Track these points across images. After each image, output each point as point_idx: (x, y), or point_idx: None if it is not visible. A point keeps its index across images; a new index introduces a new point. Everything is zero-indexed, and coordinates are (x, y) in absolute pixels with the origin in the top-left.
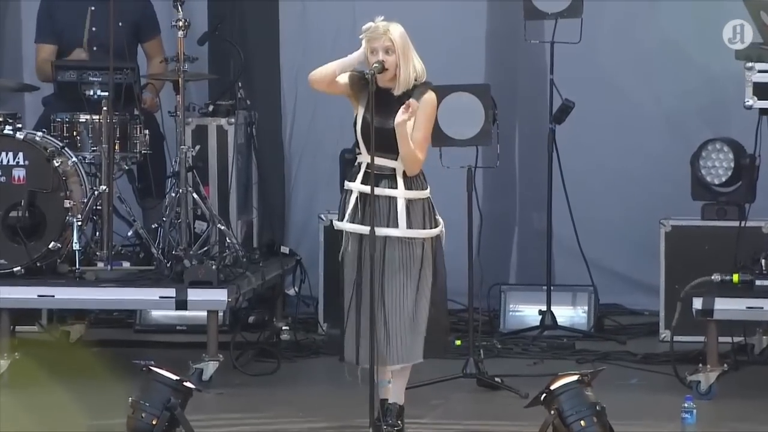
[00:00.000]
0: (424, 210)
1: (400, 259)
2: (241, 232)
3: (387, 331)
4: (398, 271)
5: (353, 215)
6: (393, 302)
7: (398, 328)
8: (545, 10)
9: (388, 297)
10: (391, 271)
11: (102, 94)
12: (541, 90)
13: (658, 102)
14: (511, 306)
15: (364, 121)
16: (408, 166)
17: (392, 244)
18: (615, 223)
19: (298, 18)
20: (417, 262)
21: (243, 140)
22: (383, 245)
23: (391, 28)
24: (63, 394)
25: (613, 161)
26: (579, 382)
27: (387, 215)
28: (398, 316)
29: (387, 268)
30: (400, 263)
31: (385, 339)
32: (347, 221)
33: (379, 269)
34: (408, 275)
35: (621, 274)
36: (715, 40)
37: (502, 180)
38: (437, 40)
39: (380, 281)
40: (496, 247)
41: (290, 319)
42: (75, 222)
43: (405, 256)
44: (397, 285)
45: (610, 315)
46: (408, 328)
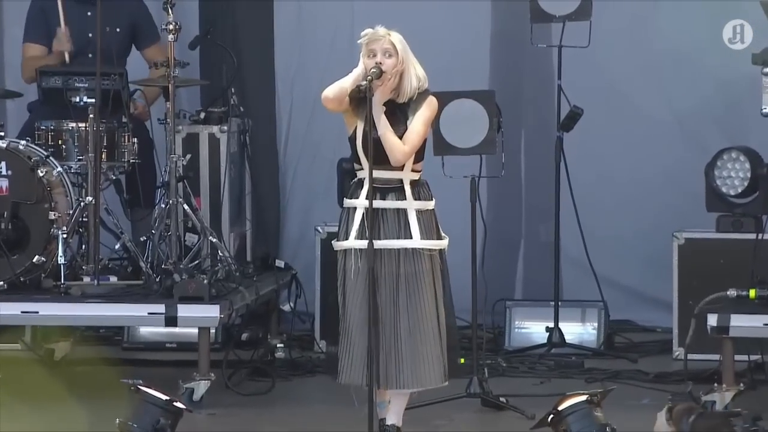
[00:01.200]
0: (432, 221)
1: (408, 275)
2: (233, 245)
3: (405, 352)
4: (410, 287)
5: (361, 232)
6: (414, 320)
7: (418, 349)
8: (553, 12)
9: (403, 315)
10: (405, 287)
11: (88, 101)
12: (548, 96)
13: (670, 108)
14: (517, 322)
15: (365, 134)
16: (389, 149)
17: (400, 258)
18: (626, 236)
19: (293, 20)
20: (428, 277)
21: (236, 149)
22: (397, 260)
23: (392, 32)
24: (48, 415)
25: (624, 171)
26: (588, 403)
27: (397, 228)
28: (425, 334)
29: (400, 284)
30: (409, 278)
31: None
32: (354, 238)
33: (393, 286)
34: (421, 291)
35: (632, 289)
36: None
37: (507, 190)
38: (439, 43)
39: (395, 298)
40: (501, 261)
41: (285, 336)
42: (60, 234)
43: (413, 271)
44: (414, 302)
45: (620, 332)
46: (436, 346)
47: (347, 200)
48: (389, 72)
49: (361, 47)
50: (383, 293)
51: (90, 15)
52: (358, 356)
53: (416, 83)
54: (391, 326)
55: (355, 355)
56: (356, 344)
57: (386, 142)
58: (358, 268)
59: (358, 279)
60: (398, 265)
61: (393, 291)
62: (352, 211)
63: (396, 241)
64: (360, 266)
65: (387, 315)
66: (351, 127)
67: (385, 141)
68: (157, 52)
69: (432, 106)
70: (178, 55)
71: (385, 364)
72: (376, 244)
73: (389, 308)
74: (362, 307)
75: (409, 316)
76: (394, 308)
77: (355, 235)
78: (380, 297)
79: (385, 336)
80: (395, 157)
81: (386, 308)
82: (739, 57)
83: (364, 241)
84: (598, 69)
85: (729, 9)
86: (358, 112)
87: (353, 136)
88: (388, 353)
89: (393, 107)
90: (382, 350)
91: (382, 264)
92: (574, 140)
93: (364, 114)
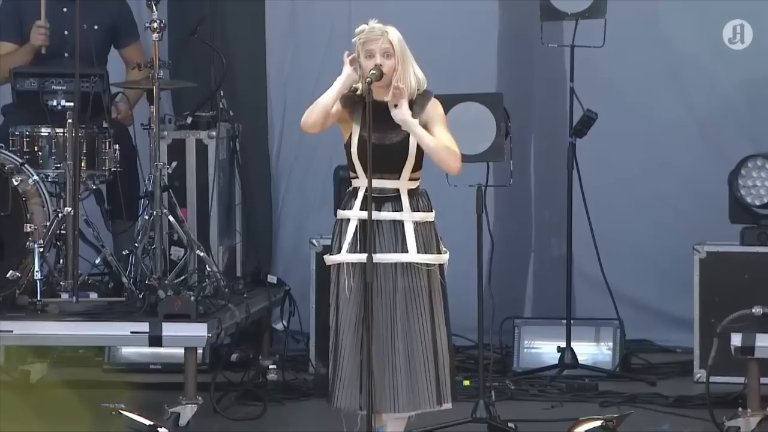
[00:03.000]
0: (432, 234)
1: (405, 291)
2: (222, 260)
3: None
4: (408, 304)
5: (353, 245)
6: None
7: (418, 369)
8: (564, 9)
9: (399, 335)
10: (402, 304)
11: (67, 105)
12: (560, 99)
13: (691, 112)
14: (526, 342)
15: (361, 140)
16: (445, 160)
17: (396, 273)
18: (643, 249)
19: (287, 18)
20: (425, 293)
21: (225, 156)
22: (393, 275)
23: (389, 29)
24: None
25: (641, 179)
26: (603, 429)
27: (394, 241)
28: (421, 355)
29: (397, 301)
30: (406, 295)
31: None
32: (347, 252)
33: (389, 303)
34: (419, 308)
35: (650, 306)
36: (757, 43)
37: (515, 200)
38: (443, 43)
39: (391, 316)
40: (509, 276)
41: (278, 357)
42: (36, 248)
43: (410, 287)
44: (411, 320)
45: (637, 352)
46: (431, 368)
47: (340, 211)
48: (389, 74)
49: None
50: (378, 311)
51: (66, 11)
52: (351, 378)
53: (415, 84)
54: (387, 346)
55: (347, 378)
56: (349, 365)
57: (441, 153)
58: (351, 284)
59: (351, 295)
60: (394, 280)
61: (388, 309)
62: (346, 223)
63: (391, 255)
64: (353, 282)
65: (382, 334)
66: (346, 134)
67: (440, 152)
68: (137, 52)
69: (439, 105)
70: (162, 56)
71: (379, 386)
72: (374, 257)
73: (384, 327)
74: (356, 325)
75: (406, 336)
76: (389, 327)
77: (347, 249)
78: (375, 315)
79: (379, 357)
80: (453, 165)
81: (381, 327)
82: (765, 56)
83: (357, 255)
84: (613, 70)
85: (751, 7)
86: (354, 116)
87: (348, 142)
88: (382, 375)
89: (386, 111)
90: (376, 372)
91: (377, 279)
92: (588, 147)
93: (360, 118)
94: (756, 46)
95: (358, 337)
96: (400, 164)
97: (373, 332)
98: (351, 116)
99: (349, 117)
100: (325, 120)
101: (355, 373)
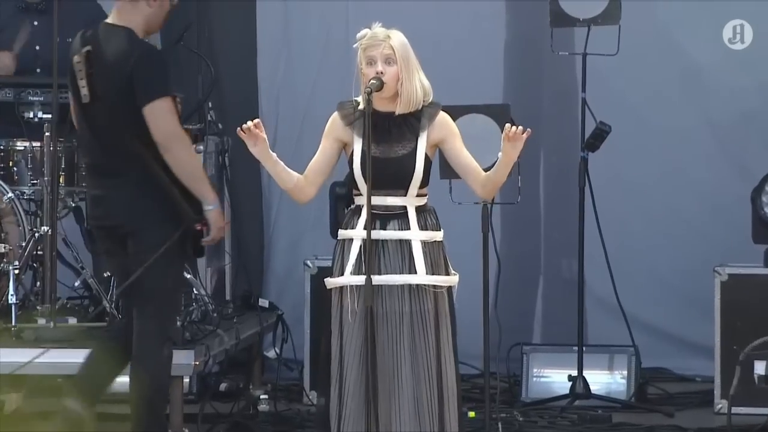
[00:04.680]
0: (440, 255)
1: (412, 315)
2: (210, 282)
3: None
4: (414, 330)
5: (357, 267)
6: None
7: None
8: (576, 15)
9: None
10: (408, 330)
11: (44, 117)
12: (571, 111)
13: (711, 125)
14: (536, 370)
15: (364, 153)
16: (492, 193)
17: (403, 296)
18: (660, 271)
19: (279, 23)
20: (431, 317)
21: (213, 171)
22: (400, 297)
23: (392, 34)
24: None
25: (658, 196)
26: None
27: (400, 262)
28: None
29: (404, 326)
30: (413, 319)
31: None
32: (351, 274)
33: (396, 328)
34: (425, 334)
35: (667, 332)
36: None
37: (524, 219)
38: (446, 50)
39: (399, 342)
40: (517, 300)
41: (270, 386)
42: (11, 270)
43: (418, 310)
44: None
45: (654, 381)
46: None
47: (342, 231)
48: (392, 83)
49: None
50: (383, 338)
51: (37, 25)
52: (356, 414)
53: (421, 93)
54: (392, 378)
55: (352, 413)
56: (354, 400)
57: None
58: (356, 309)
59: (356, 322)
60: (401, 303)
61: (394, 335)
62: (348, 243)
63: (398, 276)
64: (357, 305)
65: (387, 365)
66: (349, 149)
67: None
68: None
69: (452, 122)
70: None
71: (383, 416)
72: (376, 280)
73: (390, 356)
74: (362, 355)
75: (412, 363)
76: (394, 355)
77: (351, 270)
78: (380, 343)
79: (384, 385)
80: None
81: (387, 356)
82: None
83: (361, 277)
84: (627, 80)
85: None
86: (355, 128)
87: (350, 157)
88: (387, 404)
89: (399, 120)
90: (381, 404)
91: (382, 302)
92: (601, 161)
93: (360, 131)
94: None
95: (364, 368)
96: (407, 180)
97: (379, 362)
98: (352, 129)
99: (348, 133)
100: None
101: (361, 407)
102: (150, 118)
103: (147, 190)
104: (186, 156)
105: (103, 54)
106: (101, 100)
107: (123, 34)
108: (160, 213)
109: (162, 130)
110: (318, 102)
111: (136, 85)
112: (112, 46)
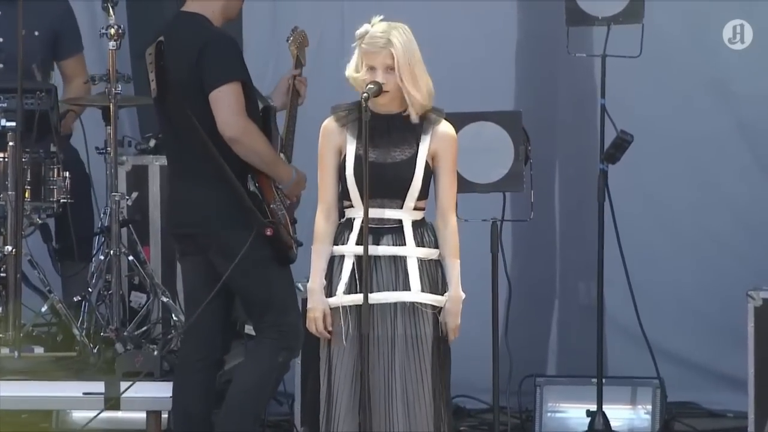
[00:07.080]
0: (438, 275)
1: (406, 338)
2: None
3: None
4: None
5: (351, 286)
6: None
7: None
8: (594, 13)
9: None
10: (403, 354)
11: (8, 125)
12: (589, 119)
13: (743, 134)
14: (550, 404)
15: (358, 158)
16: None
17: (396, 315)
18: (688, 296)
19: (266, 21)
20: (428, 342)
21: None
22: (393, 317)
23: (394, 38)
24: None
25: (685, 213)
26: None
27: (394, 278)
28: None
29: (397, 350)
30: (408, 342)
31: None
32: (343, 293)
33: (388, 352)
34: (421, 361)
35: (696, 362)
36: None
37: (537, 238)
38: (451, 51)
39: (392, 368)
40: (530, 327)
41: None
42: None
43: (413, 333)
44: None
45: (681, 417)
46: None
47: (333, 247)
48: (392, 91)
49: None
50: (375, 363)
51: (1, 15)
52: None
53: (429, 98)
54: (385, 402)
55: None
56: (344, 422)
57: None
58: (348, 330)
59: (347, 344)
60: (394, 324)
61: (386, 360)
62: (339, 260)
63: (391, 294)
64: (350, 327)
65: (380, 388)
66: (342, 153)
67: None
68: (78, 65)
69: (454, 140)
70: (120, 68)
71: None
72: (374, 298)
73: (382, 380)
74: (353, 382)
75: (405, 390)
76: (387, 380)
77: (343, 290)
78: (372, 368)
79: (378, 414)
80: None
81: (379, 380)
82: None
83: (355, 297)
84: (651, 84)
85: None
86: (349, 129)
87: (342, 163)
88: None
89: (400, 124)
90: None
91: (375, 323)
92: (622, 174)
93: (357, 132)
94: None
95: (356, 396)
96: (404, 189)
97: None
98: (346, 129)
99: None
100: (337, 202)
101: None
102: (214, 105)
103: (221, 197)
104: (256, 145)
105: (174, 43)
106: (172, 93)
107: (196, 22)
108: (235, 220)
109: (224, 118)
110: (309, 107)
111: (203, 72)
112: (184, 34)
